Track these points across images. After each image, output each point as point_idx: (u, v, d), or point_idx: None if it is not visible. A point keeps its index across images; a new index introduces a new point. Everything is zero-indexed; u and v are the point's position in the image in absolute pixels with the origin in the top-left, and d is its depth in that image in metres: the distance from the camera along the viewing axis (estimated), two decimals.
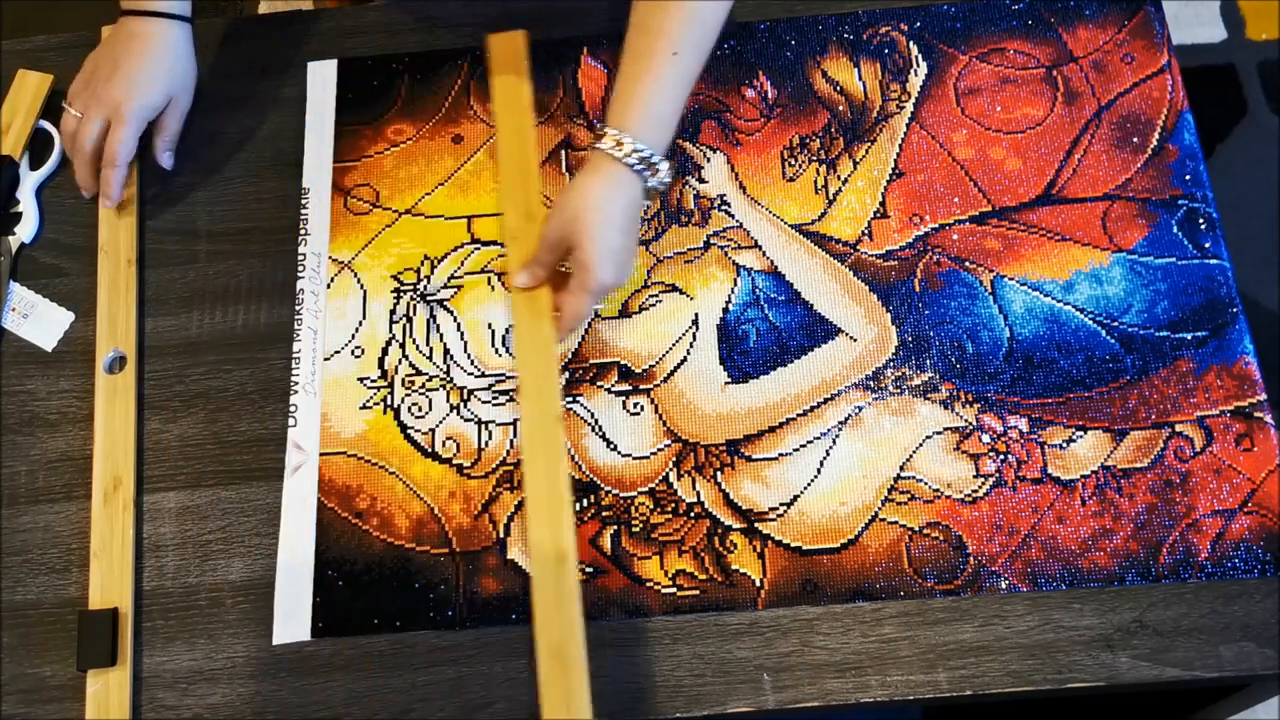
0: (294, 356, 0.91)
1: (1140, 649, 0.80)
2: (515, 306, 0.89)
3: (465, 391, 0.90)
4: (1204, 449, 0.84)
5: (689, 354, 0.90)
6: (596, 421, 0.88)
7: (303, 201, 0.97)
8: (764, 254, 0.92)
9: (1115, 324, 0.88)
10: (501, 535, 0.85)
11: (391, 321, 0.92)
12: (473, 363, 0.91)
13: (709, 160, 0.96)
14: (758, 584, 0.83)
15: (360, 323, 0.93)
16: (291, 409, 0.89)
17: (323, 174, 0.97)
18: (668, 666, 0.81)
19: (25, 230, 0.97)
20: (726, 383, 0.89)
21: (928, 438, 0.86)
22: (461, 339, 0.92)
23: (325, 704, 0.82)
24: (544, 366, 0.87)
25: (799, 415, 0.87)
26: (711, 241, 0.93)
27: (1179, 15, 1.70)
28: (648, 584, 0.83)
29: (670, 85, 0.84)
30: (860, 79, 0.98)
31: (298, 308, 0.93)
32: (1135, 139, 0.94)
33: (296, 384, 0.90)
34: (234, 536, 0.87)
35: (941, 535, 0.83)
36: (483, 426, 0.89)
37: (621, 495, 0.85)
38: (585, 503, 0.86)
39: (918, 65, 0.98)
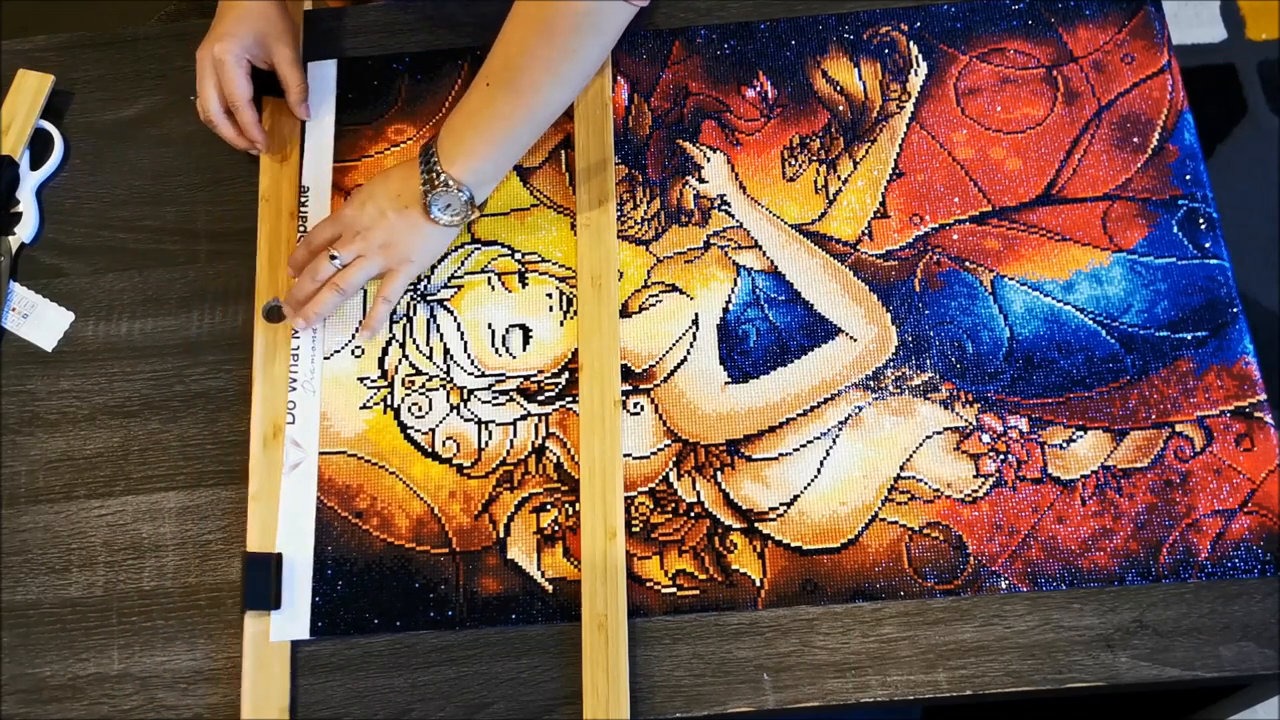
0: (293, 352, 0.91)
1: (1140, 649, 0.80)
2: (580, 287, 0.90)
3: (465, 391, 0.90)
4: (1204, 449, 0.84)
5: (689, 354, 0.90)
6: None
7: (302, 199, 0.97)
8: (764, 254, 0.92)
9: (1115, 324, 0.88)
10: (501, 535, 0.85)
11: (391, 321, 0.92)
12: (473, 363, 0.91)
13: (709, 160, 0.96)
14: (758, 584, 0.83)
15: (360, 322, 0.92)
16: (290, 405, 0.89)
17: (322, 173, 0.97)
18: (668, 666, 0.81)
19: (25, 230, 0.97)
20: (726, 383, 0.89)
21: (928, 438, 0.86)
22: (461, 339, 0.92)
23: (325, 704, 0.82)
24: (606, 350, 0.88)
25: (799, 415, 0.87)
26: (711, 241, 0.93)
27: (1179, 15, 1.70)
28: (648, 584, 0.83)
29: (476, 113, 0.87)
30: (860, 79, 0.98)
31: None
32: (1135, 139, 0.94)
33: (295, 381, 0.90)
34: (234, 536, 0.87)
35: (941, 535, 0.83)
36: (483, 426, 0.89)
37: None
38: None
39: (918, 65, 0.98)
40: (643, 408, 0.88)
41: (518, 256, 0.94)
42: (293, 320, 0.90)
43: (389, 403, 0.90)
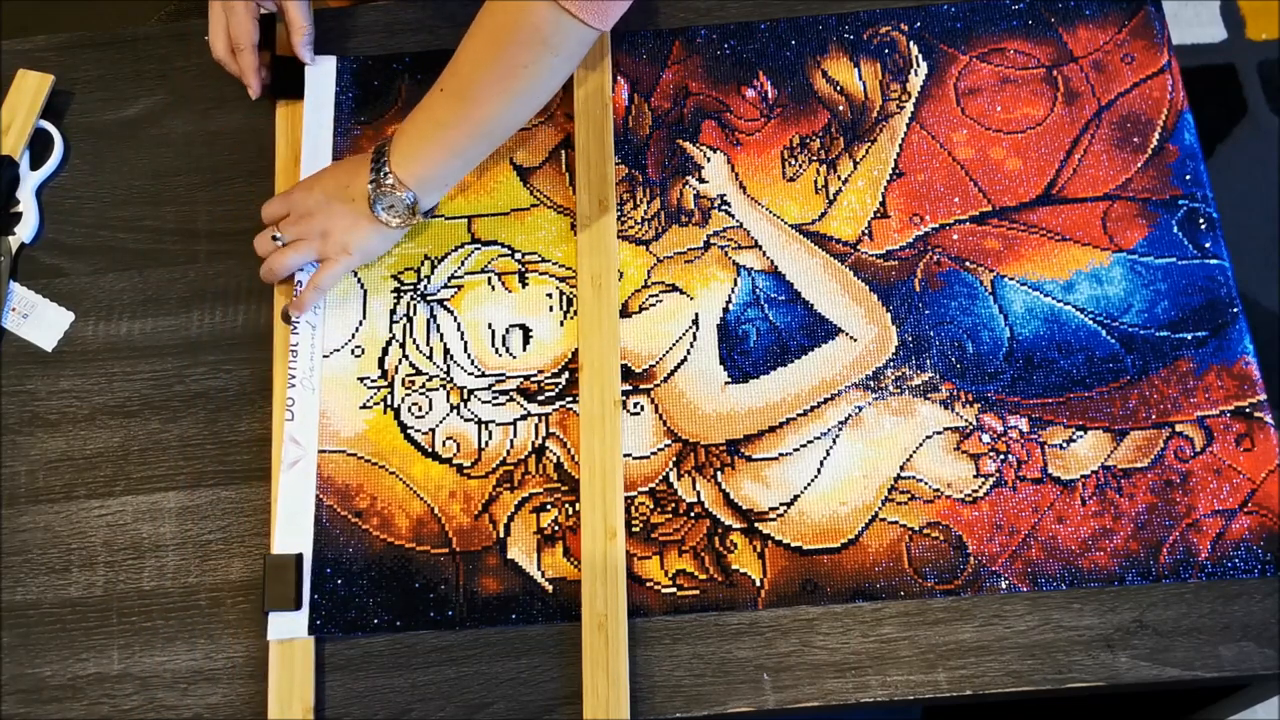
0: (291, 349, 0.91)
1: (1140, 649, 0.80)
2: (580, 287, 0.90)
3: (465, 391, 0.90)
4: (1204, 449, 0.84)
5: (689, 354, 0.90)
6: None
7: None
8: (764, 254, 0.92)
9: (1115, 324, 0.88)
10: (501, 535, 0.85)
11: (391, 321, 0.92)
12: (473, 363, 0.91)
13: (709, 160, 0.96)
14: (758, 584, 0.83)
15: (360, 322, 0.92)
16: (289, 403, 0.89)
17: None
18: (668, 666, 0.81)
19: (25, 230, 0.97)
20: (727, 383, 0.89)
21: (928, 438, 0.86)
22: (461, 339, 0.92)
23: (325, 704, 0.82)
24: (606, 350, 0.88)
25: (799, 415, 0.87)
26: (711, 241, 0.93)
27: (1179, 15, 1.70)
28: (648, 584, 0.83)
29: (428, 118, 0.87)
30: (860, 79, 0.98)
31: None
32: (1135, 139, 0.94)
33: (294, 378, 0.90)
34: (234, 536, 0.87)
35: (941, 535, 0.83)
36: (483, 426, 0.89)
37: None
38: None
39: (918, 65, 0.98)
40: (643, 408, 0.88)
41: (518, 256, 0.94)
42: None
43: (389, 402, 0.90)
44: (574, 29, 0.82)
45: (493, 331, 0.92)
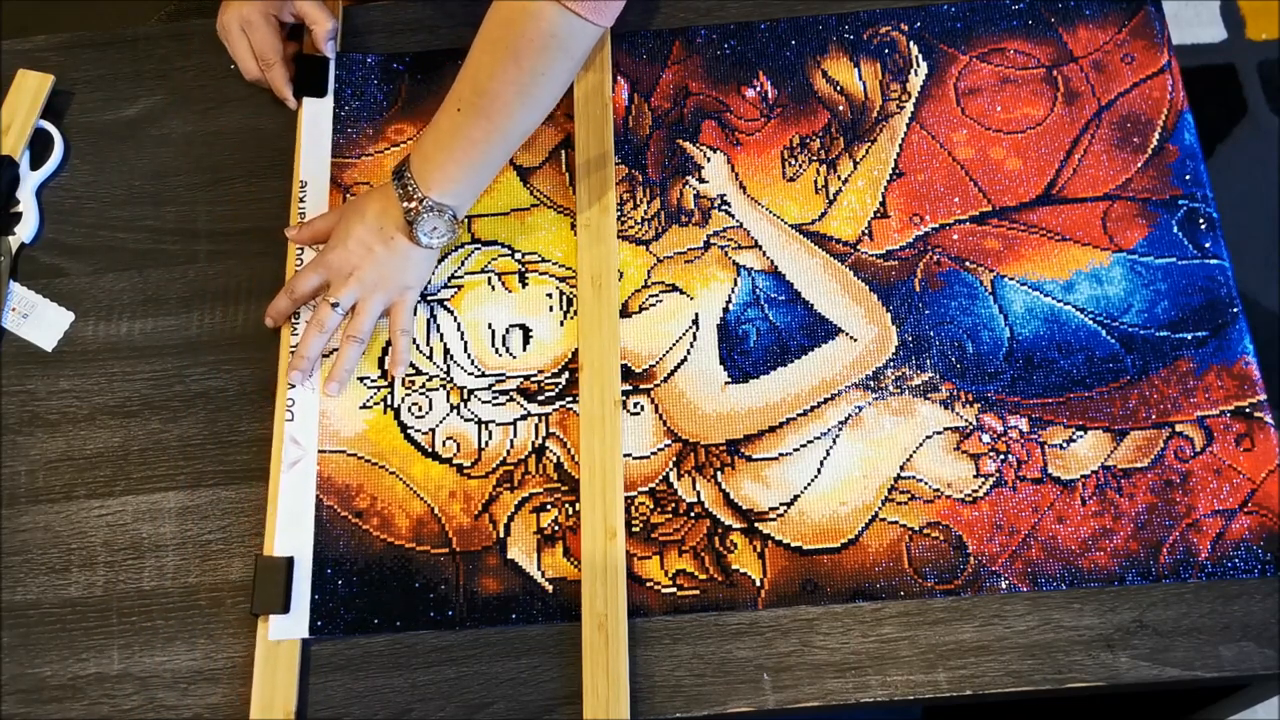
0: (292, 349, 0.91)
1: (1140, 649, 0.80)
2: (580, 287, 0.90)
3: (465, 391, 0.90)
4: (1204, 449, 0.84)
5: (689, 354, 0.90)
6: None
7: (300, 195, 0.97)
8: (764, 254, 0.92)
9: (1115, 324, 0.88)
10: (501, 535, 0.85)
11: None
12: (473, 362, 0.91)
13: (709, 160, 0.96)
14: (758, 584, 0.83)
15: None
16: (289, 403, 0.89)
17: (321, 170, 0.97)
18: (668, 666, 0.81)
19: (25, 230, 0.97)
20: (727, 383, 0.89)
21: (928, 438, 0.86)
22: (461, 339, 0.92)
23: (325, 704, 0.82)
24: (606, 350, 0.88)
25: (799, 415, 0.87)
26: (711, 241, 0.93)
27: (1179, 15, 1.70)
28: (648, 584, 0.83)
29: (449, 138, 0.87)
30: (860, 79, 0.98)
31: None
32: (1135, 139, 0.94)
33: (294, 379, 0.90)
34: (234, 536, 0.87)
35: (941, 535, 0.83)
36: (483, 426, 0.89)
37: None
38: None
39: (918, 65, 0.98)
40: (643, 408, 0.88)
41: (518, 256, 0.94)
42: (325, 388, 0.89)
43: (389, 402, 0.90)
44: (583, 29, 0.85)
45: (493, 331, 0.92)
